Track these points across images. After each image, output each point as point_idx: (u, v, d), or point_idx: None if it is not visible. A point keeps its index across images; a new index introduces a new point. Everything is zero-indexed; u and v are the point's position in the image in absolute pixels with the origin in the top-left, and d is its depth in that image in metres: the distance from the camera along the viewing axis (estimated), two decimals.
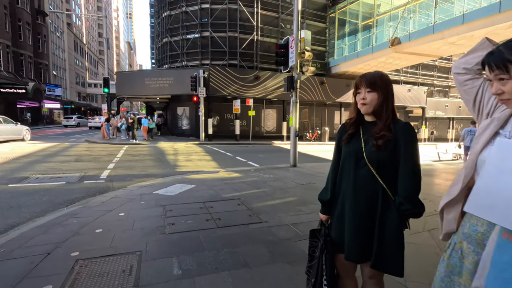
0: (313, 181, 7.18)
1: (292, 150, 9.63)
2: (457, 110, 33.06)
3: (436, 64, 31.76)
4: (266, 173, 8.29)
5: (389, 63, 21.87)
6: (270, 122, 24.18)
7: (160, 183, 6.74)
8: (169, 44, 23.02)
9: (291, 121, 9.42)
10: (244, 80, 20.14)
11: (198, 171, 8.80)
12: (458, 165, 11.53)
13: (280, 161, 11.58)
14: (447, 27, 14.72)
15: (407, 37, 17.30)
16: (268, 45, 23.03)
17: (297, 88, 9.38)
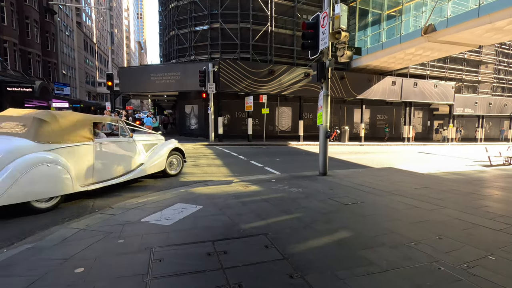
0: (358, 199, 5.36)
1: (321, 154, 7.82)
2: (487, 107, 30.36)
3: (465, 57, 29.19)
4: (292, 185, 6.51)
5: (418, 55, 19.70)
6: (285, 120, 22.36)
7: (156, 200, 5.07)
8: (176, 38, 21.50)
9: (320, 119, 7.62)
10: (257, 75, 18.40)
11: (207, 181, 7.10)
12: None
13: (303, 167, 9.79)
14: (498, 8, 12.57)
15: (443, 23, 15.16)
16: (283, 37, 21.22)
17: (329, 78, 7.56)
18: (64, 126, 4.91)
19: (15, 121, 4.89)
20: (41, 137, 4.58)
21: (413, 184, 6.95)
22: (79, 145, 5.05)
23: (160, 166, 7.03)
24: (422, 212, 4.64)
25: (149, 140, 7.06)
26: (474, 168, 10.46)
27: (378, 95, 22.97)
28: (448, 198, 5.61)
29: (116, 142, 5.94)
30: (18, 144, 4.36)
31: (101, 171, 5.50)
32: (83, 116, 5.45)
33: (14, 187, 4.05)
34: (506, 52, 33.26)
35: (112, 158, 5.80)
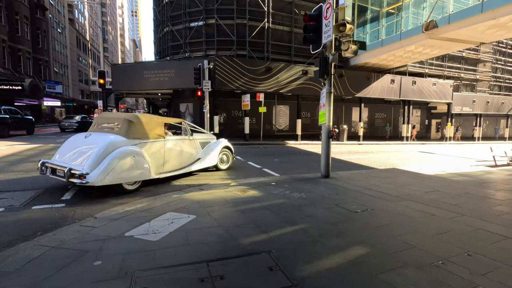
0: (368, 205, 4.90)
1: (324, 156, 7.34)
2: (485, 106, 30.22)
3: (464, 55, 28.98)
4: (294, 189, 6.03)
5: (417, 53, 19.33)
6: (283, 119, 21.89)
7: (144, 209, 4.55)
8: (170, 34, 20.87)
9: (322, 118, 7.14)
10: (254, 72, 17.88)
11: (201, 185, 6.59)
12: None
13: (303, 168, 9.32)
14: (503, 3, 12.20)
15: (446, 20, 14.78)
16: (280, 34, 20.71)
17: (332, 74, 7.08)
18: (145, 125, 6.12)
19: (111, 122, 6.29)
20: (130, 134, 5.81)
21: (422, 187, 6.52)
22: (154, 141, 6.25)
23: (213, 161, 7.98)
24: (441, 221, 4.19)
25: (205, 138, 8.09)
26: (479, 168, 10.08)
27: (377, 94, 22.60)
28: (463, 204, 5.17)
29: (181, 140, 7.06)
30: (114, 139, 5.58)
31: (169, 163, 6.65)
32: (158, 118, 6.72)
33: (112, 173, 5.21)
34: (503, 50, 33.15)
35: (177, 153, 6.92)
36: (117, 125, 6.04)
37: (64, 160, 5.45)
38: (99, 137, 5.72)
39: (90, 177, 4.97)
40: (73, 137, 6.06)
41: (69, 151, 5.66)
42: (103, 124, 6.35)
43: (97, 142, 5.51)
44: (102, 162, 5.16)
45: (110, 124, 6.27)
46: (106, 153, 5.25)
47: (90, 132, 6.13)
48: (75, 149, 5.62)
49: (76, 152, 5.51)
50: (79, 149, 5.56)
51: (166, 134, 6.68)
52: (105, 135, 5.74)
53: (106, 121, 6.41)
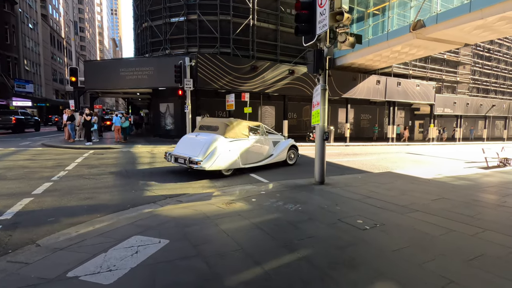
0: (375, 219, 4.18)
1: (318, 160, 6.61)
2: (465, 107, 30.85)
3: (445, 58, 29.45)
4: (287, 199, 5.24)
5: (403, 53, 19.17)
6: (269, 120, 21.16)
7: (103, 231, 3.62)
8: (149, 30, 19.66)
9: (316, 118, 6.41)
10: (239, 71, 17.05)
11: (180, 195, 5.68)
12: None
13: (293, 173, 8.58)
14: (490, 3, 12.03)
15: (433, 19, 14.56)
16: (265, 32, 20.00)
17: (327, 69, 6.37)
18: (236, 128, 7.92)
19: (212, 124, 8.16)
20: (227, 134, 7.60)
21: (426, 194, 5.91)
22: (242, 140, 8.01)
23: (282, 157, 9.53)
24: (465, 240, 3.52)
25: (276, 138, 9.69)
26: (473, 170, 9.74)
27: (363, 94, 22.37)
28: (478, 215, 4.56)
29: (259, 139, 8.67)
30: (217, 137, 7.38)
31: (251, 157, 8.26)
32: (245, 122, 8.43)
33: (216, 161, 7.03)
34: (480, 54, 34.13)
35: (256, 149, 8.50)
36: (217, 127, 7.94)
37: (183, 152, 7.49)
38: (206, 136, 7.71)
39: (203, 163, 6.91)
40: (186, 136, 8.46)
41: (184, 145, 7.83)
42: (206, 126, 8.37)
43: (205, 139, 7.52)
44: (210, 153, 7.09)
45: (212, 126, 8.18)
46: (212, 147, 7.20)
47: (197, 132, 8.35)
48: (189, 144, 7.72)
49: (191, 146, 7.55)
50: (192, 144, 7.62)
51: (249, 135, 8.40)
52: (210, 135, 7.68)
53: (209, 124, 8.40)
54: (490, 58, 35.09)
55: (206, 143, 7.26)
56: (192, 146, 7.51)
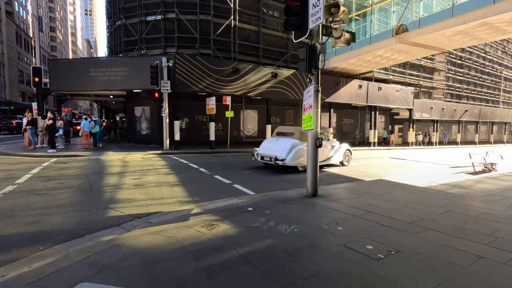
0: (386, 243, 3.50)
1: (311, 169, 5.91)
2: (441, 112, 31.77)
3: (422, 64, 30.21)
4: (278, 217, 4.48)
5: (385, 58, 19.22)
6: (251, 125, 20.43)
7: (41, 274, 2.68)
8: (123, 28, 18.40)
9: (309, 122, 5.73)
10: (220, 73, 16.23)
11: (151, 214, 4.76)
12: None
13: (280, 182, 7.85)
14: (474, 7, 12.08)
15: (416, 24, 14.56)
16: (247, 34, 19.35)
17: (320, 69, 5.72)
18: (304, 133, 9.19)
19: (289, 131, 10.32)
20: (300, 139, 9.62)
21: (429, 206, 5.37)
22: None
23: (339, 159, 11.20)
24: (502, 272, 2.90)
25: (334, 143, 11.29)
26: (463, 176, 9.48)
27: (346, 99, 22.23)
28: (497, 233, 4.03)
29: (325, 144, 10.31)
30: (295, 141, 9.47)
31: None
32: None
33: (294, 159, 9.04)
34: (454, 61, 35.47)
35: (321, 151, 8.67)
36: (293, 133, 9.98)
37: (268, 152, 9.56)
38: (286, 140, 9.64)
39: (287, 160, 8.90)
40: (268, 140, 10.85)
41: (268, 147, 9.87)
42: (283, 132, 10.45)
43: (286, 142, 9.43)
44: (291, 153, 9.01)
45: (288, 132, 10.25)
46: (292, 148, 9.14)
47: (276, 137, 10.28)
48: (271, 146, 9.76)
49: (275, 148, 9.52)
50: (274, 146, 9.63)
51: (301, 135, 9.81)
52: (289, 139, 9.58)
53: (285, 131, 10.45)
54: (462, 66, 36.57)
55: (287, 146, 9.34)
56: (276, 147, 9.62)
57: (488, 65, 41.06)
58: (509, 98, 46.08)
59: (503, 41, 43.31)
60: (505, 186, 7.88)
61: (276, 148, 9.52)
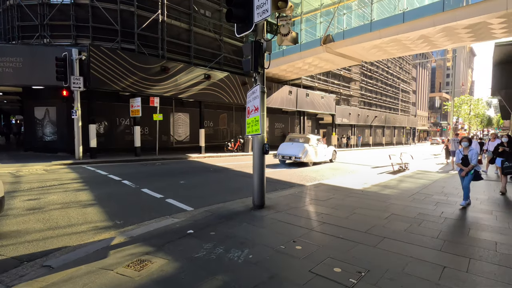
0: (351, 261, 3.14)
1: (257, 178, 5.35)
2: (357, 117, 35.68)
3: (342, 74, 33.34)
4: (226, 239, 3.75)
5: (313, 66, 20.33)
6: (182, 129, 19.01)
7: None
8: (17, 10, 14.87)
9: (255, 127, 5.16)
10: (147, 71, 14.52)
11: (50, 252, 3.46)
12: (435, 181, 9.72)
13: (220, 192, 7.11)
14: (387, 25, 13.56)
15: (340, 35, 15.68)
16: (177, 31, 17.97)
17: (265, 68, 5.22)
18: (312, 139, 13.74)
19: (299, 137, 14.19)
20: (309, 143, 13.48)
21: (374, 211, 5.40)
22: (315, 146, 13.70)
23: (329, 157, 15.37)
24: (468, 278, 2.78)
25: (326, 147, 15.30)
26: (387, 176, 10.33)
27: (278, 104, 22.75)
28: (442, 234, 4.12)
29: (319, 145, 14.19)
30: (306, 145, 13.21)
31: (318, 156, 13.85)
32: (314, 136, 14.24)
33: (307, 157, 12.98)
34: (365, 73, 40.38)
35: (319, 151, 13.98)
36: (303, 138, 13.95)
37: (286, 153, 13.27)
38: (299, 144, 13.44)
39: (302, 158, 12.74)
40: (284, 144, 14.18)
41: (285, 149, 13.54)
42: (295, 137, 14.41)
43: (299, 145, 13.27)
44: (304, 153, 12.84)
45: (298, 137, 14.21)
46: (305, 149, 12.96)
47: (290, 142, 14.08)
48: (288, 149, 13.41)
49: (292, 149, 13.21)
50: (291, 148, 13.30)
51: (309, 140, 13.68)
52: (301, 143, 13.43)
53: (296, 137, 14.37)
54: (372, 77, 41.92)
55: (301, 147, 13.03)
56: (293, 149, 13.19)
57: (390, 78, 48.14)
58: (405, 107, 54.94)
59: (399, 58, 51.48)
60: (422, 184, 8.78)
61: (294, 149, 13.21)
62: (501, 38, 13.37)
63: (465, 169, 5.86)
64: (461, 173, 5.96)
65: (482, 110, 56.62)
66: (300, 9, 18.96)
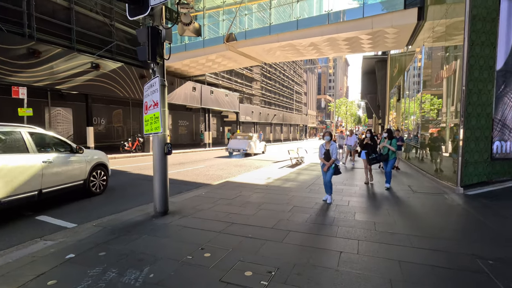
0: (263, 261, 3.11)
1: (158, 182, 4.79)
2: (259, 116, 37.84)
3: (244, 73, 34.55)
4: (119, 260, 3.16)
5: (217, 63, 20.25)
6: (64, 127, 15.84)
7: None
8: None
9: (155, 124, 4.58)
10: (7, 53, 11.32)
11: None
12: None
13: (114, 199, 6.15)
14: (284, 30, 14.62)
15: (243, 35, 16.07)
16: (52, 8, 14.72)
17: (165, 58, 4.70)
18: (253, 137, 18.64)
19: (244, 135, 18.80)
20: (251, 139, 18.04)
21: (279, 205, 5.64)
22: (254, 141, 18.56)
23: (262, 150, 19.95)
24: (365, 265, 3.11)
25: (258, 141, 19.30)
26: (287, 170, 11.16)
27: (181, 100, 21.73)
28: (340, 222, 4.59)
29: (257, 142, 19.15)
30: (249, 141, 17.80)
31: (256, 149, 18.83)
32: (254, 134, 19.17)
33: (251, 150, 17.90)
34: (265, 74, 43.17)
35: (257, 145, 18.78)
36: (247, 136, 18.21)
37: (236, 147, 17.49)
38: (244, 140, 17.78)
39: (248, 150, 17.33)
40: (232, 140, 18.31)
41: (235, 144, 17.71)
42: (240, 136, 18.60)
43: (245, 141, 17.61)
44: (249, 146, 17.40)
45: (244, 136, 18.45)
46: (249, 144, 17.46)
47: (236, 139, 18.20)
48: (237, 144, 17.63)
49: (239, 144, 17.48)
50: (238, 144, 17.59)
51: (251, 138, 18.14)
52: (246, 140, 17.72)
53: (241, 135, 18.77)
54: (271, 78, 45.19)
55: (247, 143, 17.44)
56: (240, 144, 17.52)
57: (286, 80, 53.06)
58: (298, 107, 61.72)
59: (293, 62, 57.33)
60: (315, 175, 9.85)
61: (241, 144, 17.50)
62: (368, 52, 16.41)
63: (327, 163, 5.79)
64: (324, 167, 5.89)
65: (355, 110, 69.13)
66: (203, 4, 18.51)
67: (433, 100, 9.80)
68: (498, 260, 3.18)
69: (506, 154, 7.42)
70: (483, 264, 3.07)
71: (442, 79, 8.64)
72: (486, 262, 3.12)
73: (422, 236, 3.94)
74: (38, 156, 4.96)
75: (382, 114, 26.21)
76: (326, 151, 5.84)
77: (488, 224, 4.51)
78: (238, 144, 17.59)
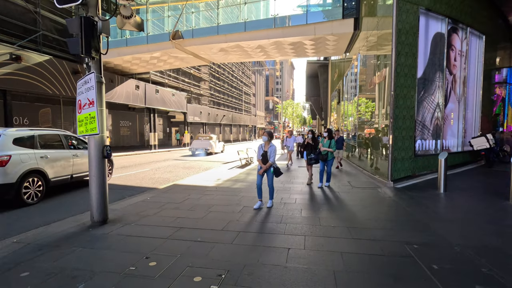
0: (215, 265, 3.05)
1: (95, 187, 4.36)
2: (208, 116, 37.24)
3: (192, 72, 33.64)
4: (46, 280, 2.77)
5: (162, 61, 19.31)
6: None
7: None
8: None
9: (90, 125, 4.15)
10: None
11: None
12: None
13: (43, 209, 5.44)
14: (232, 31, 14.60)
15: (190, 33, 15.61)
16: None
17: (102, 53, 4.29)
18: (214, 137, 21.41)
19: (207, 136, 21.18)
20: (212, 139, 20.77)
21: (228, 206, 5.61)
22: (215, 141, 21.33)
23: (221, 149, 22.65)
24: (313, 259, 3.25)
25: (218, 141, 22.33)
26: (237, 171, 11.18)
27: (122, 99, 20.23)
28: (284, 218, 4.73)
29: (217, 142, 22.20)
30: (211, 141, 20.51)
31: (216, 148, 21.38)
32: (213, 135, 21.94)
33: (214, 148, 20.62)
34: (214, 74, 42.68)
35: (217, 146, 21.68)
36: (209, 137, 20.85)
37: (199, 146, 19.72)
38: (206, 140, 20.28)
39: (210, 150, 19.83)
40: (196, 141, 20.32)
41: (198, 144, 19.87)
42: (203, 137, 20.85)
43: (207, 141, 20.15)
44: (211, 146, 19.96)
45: (205, 136, 20.89)
46: (211, 144, 20.11)
47: (200, 140, 20.44)
48: (200, 144, 19.88)
49: (203, 144, 19.85)
50: (201, 144, 19.88)
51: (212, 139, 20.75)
52: (208, 141, 20.24)
53: (203, 136, 21.01)
54: (220, 79, 44.84)
55: (208, 143, 19.88)
56: (203, 144, 19.72)
57: (235, 81, 53.24)
58: (247, 108, 62.44)
59: (242, 64, 57.82)
60: None
61: (204, 144, 19.70)
62: (312, 56, 17.37)
63: (264, 166, 5.33)
64: (259, 171, 5.42)
65: (300, 112, 72.68)
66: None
67: (368, 103, 10.81)
68: (422, 244, 3.63)
69: (425, 151, 8.55)
70: (410, 249, 3.47)
71: (375, 85, 9.58)
72: (412, 247, 3.53)
73: (360, 228, 4.30)
74: (70, 151, 7.14)
75: (324, 115, 28.01)
76: (264, 152, 5.34)
77: (413, 213, 5.13)
78: (201, 144, 19.79)
